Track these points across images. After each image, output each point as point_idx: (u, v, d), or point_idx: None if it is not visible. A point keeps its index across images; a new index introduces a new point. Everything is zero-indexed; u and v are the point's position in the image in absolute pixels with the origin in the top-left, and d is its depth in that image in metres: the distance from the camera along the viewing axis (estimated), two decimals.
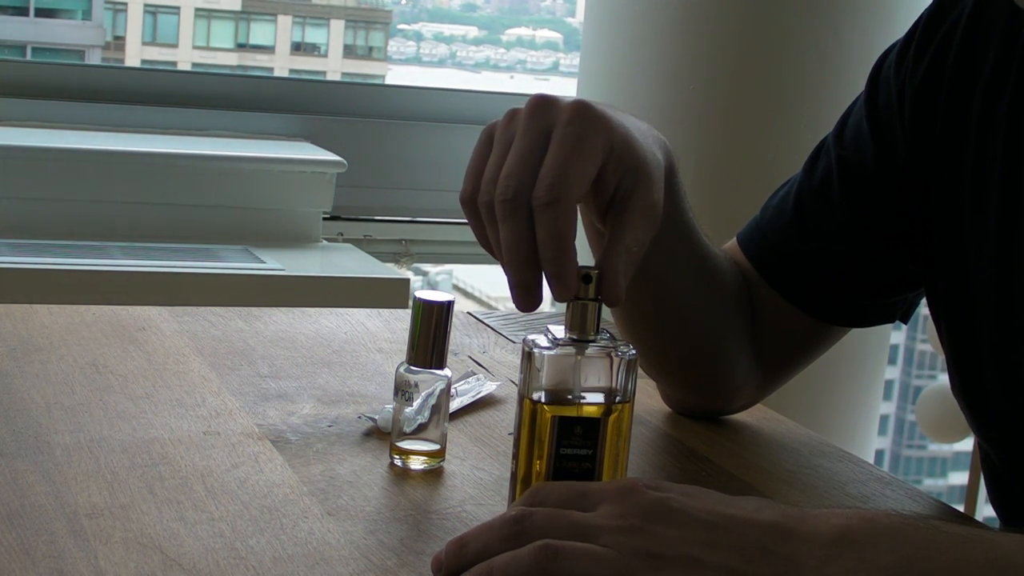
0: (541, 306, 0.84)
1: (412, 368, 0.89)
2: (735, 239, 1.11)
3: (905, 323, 1.12)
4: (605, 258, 0.82)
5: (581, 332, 0.83)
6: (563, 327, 0.84)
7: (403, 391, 0.89)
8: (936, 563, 0.66)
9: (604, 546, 0.68)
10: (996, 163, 0.94)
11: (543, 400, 0.83)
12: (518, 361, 0.86)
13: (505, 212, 0.81)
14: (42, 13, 3.39)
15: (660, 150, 0.90)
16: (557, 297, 0.81)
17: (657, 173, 0.87)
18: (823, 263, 1.05)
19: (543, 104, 0.83)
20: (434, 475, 0.90)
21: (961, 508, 2.01)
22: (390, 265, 2.57)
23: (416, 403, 0.89)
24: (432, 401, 0.90)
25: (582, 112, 0.82)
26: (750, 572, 0.67)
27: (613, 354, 0.83)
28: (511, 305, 0.86)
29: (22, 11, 3.34)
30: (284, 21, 3.90)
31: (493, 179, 0.83)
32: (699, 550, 0.67)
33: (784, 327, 1.08)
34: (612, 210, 0.85)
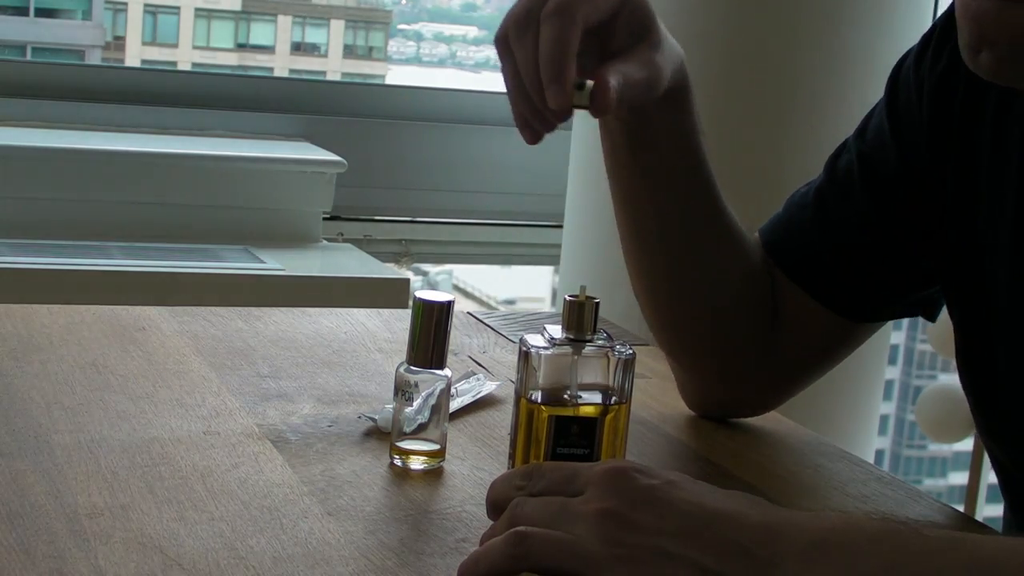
0: (542, 306, 0.85)
1: (412, 368, 0.89)
2: (757, 234, 1.11)
3: (932, 321, 1.12)
4: (598, 71, 0.86)
5: (578, 332, 0.84)
6: (560, 327, 0.84)
7: (403, 391, 0.90)
8: (918, 569, 0.65)
9: (577, 533, 0.68)
10: (1012, 160, 0.95)
11: (540, 400, 0.84)
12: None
13: (517, 33, 0.86)
14: (42, 13, 3.38)
15: (677, 57, 0.95)
16: (551, 102, 0.84)
17: (667, 46, 0.92)
18: (843, 258, 1.05)
19: None
20: (434, 475, 0.90)
21: (961, 508, 2.01)
22: (390, 265, 2.57)
23: (416, 403, 0.90)
24: (432, 401, 0.90)
25: None
26: (723, 572, 0.66)
27: (610, 354, 0.84)
28: (511, 305, 0.86)
29: (22, 11, 3.34)
30: (284, 21, 3.90)
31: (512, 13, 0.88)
32: (673, 543, 0.67)
33: (806, 323, 1.07)
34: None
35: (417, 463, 0.91)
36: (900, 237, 1.03)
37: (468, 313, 1.34)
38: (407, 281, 2.29)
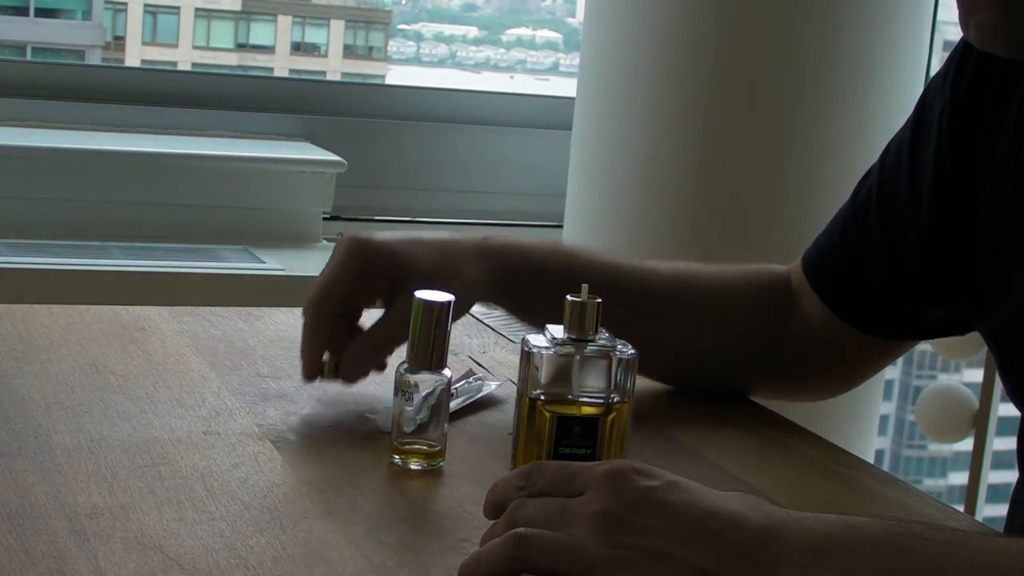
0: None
1: (412, 368, 0.89)
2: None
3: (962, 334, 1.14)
4: (353, 342, 1.01)
5: (580, 332, 0.84)
6: (561, 327, 0.84)
7: (403, 391, 0.90)
8: (919, 573, 0.65)
9: (577, 535, 0.68)
10: None
11: (542, 399, 0.84)
12: (518, 361, 0.86)
13: None
14: (42, 13, 3.38)
15: (482, 264, 1.05)
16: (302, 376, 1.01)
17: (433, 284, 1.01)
18: (863, 279, 1.09)
19: (339, 240, 1.03)
20: (434, 475, 0.90)
21: (961, 508, 2.01)
22: None
23: (416, 403, 0.90)
24: (432, 401, 0.90)
25: (346, 243, 1.01)
26: (722, 575, 0.66)
27: (612, 354, 0.84)
28: None
29: (22, 11, 3.33)
30: (284, 21, 3.90)
31: None
32: (672, 545, 0.67)
33: (831, 336, 1.11)
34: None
35: (417, 463, 0.91)
36: (914, 263, 1.05)
37: (468, 313, 1.33)
38: None
